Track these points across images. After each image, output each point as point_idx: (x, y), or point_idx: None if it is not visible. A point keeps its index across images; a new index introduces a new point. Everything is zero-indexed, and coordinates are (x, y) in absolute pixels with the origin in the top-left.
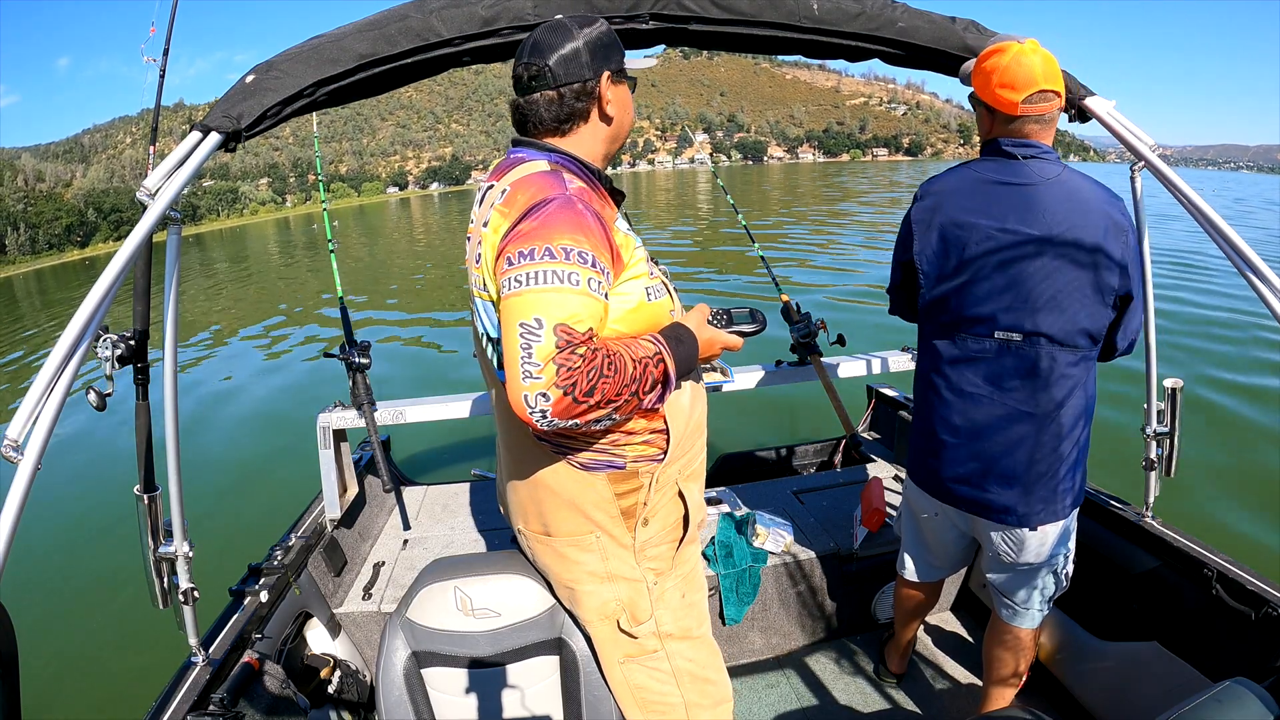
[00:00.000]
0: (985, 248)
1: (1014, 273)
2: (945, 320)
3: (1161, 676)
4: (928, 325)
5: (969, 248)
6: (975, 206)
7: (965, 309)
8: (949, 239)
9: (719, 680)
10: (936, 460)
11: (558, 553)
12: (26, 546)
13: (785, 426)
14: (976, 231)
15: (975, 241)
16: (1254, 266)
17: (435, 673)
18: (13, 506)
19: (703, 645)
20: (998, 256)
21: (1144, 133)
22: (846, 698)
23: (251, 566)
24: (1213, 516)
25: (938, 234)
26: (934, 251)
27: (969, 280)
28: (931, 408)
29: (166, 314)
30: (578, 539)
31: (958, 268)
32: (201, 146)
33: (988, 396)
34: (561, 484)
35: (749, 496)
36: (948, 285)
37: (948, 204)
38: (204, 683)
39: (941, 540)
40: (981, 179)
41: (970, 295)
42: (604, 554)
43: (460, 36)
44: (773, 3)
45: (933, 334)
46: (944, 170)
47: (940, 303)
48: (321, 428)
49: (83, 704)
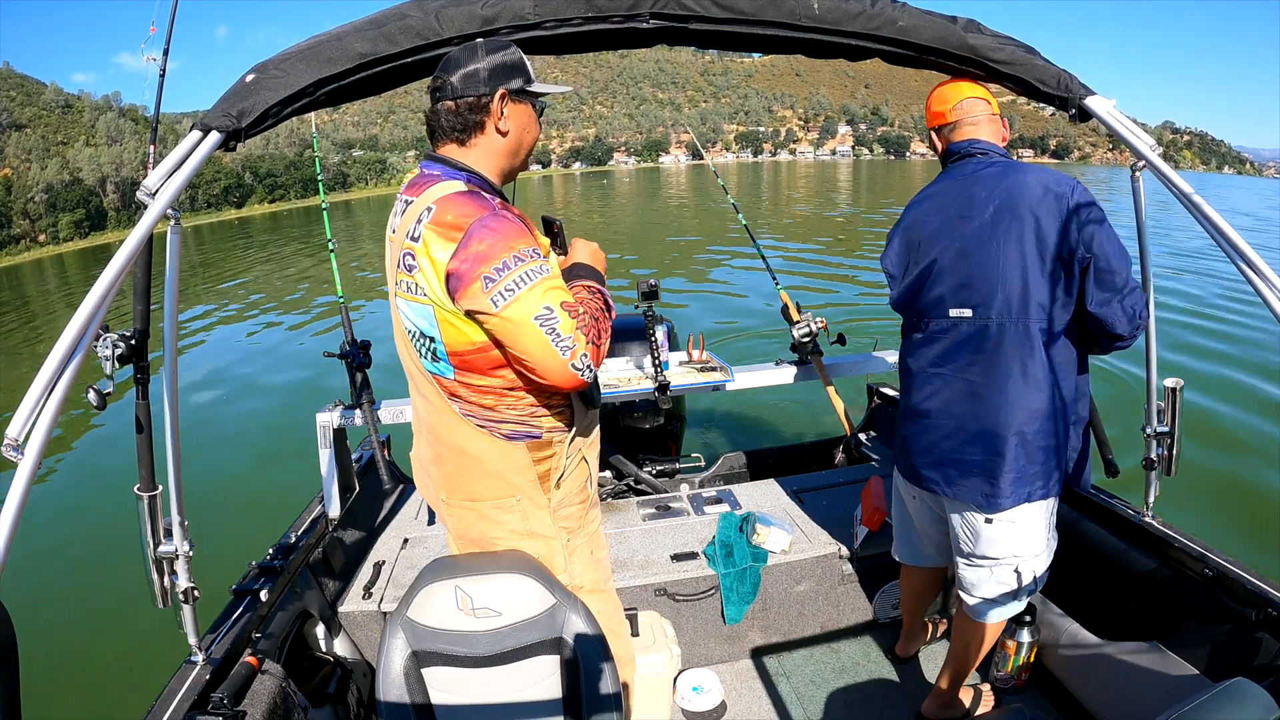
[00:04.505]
0: (933, 240)
1: (958, 255)
2: (910, 311)
3: (1162, 676)
4: (904, 321)
5: (922, 244)
6: (929, 208)
7: (921, 296)
8: (908, 242)
9: (624, 635)
10: (907, 443)
11: (482, 514)
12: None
13: (785, 426)
14: (927, 228)
15: (925, 238)
16: (1255, 265)
17: (435, 672)
18: (13, 505)
19: (609, 599)
20: (943, 244)
21: (1144, 133)
22: (846, 697)
23: (252, 566)
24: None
25: (898, 240)
26: (896, 255)
27: (922, 271)
28: (906, 392)
29: (167, 313)
30: (501, 502)
31: (915, 263)
32: (201, 146)
33: (949, 375)
34: (486, 454)
35: (749, 496)
36: (909, 281)
37: (909, 214)
38: (204, 682)
39: (923, 524)
40: (938, 186)
41: (925, 284)
42: (525, 514)
43: (460, 36)
44: (773, 1)
45: (906, 326)
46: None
47: (904, 298)
48: (322, 427)
49: (82, 703)
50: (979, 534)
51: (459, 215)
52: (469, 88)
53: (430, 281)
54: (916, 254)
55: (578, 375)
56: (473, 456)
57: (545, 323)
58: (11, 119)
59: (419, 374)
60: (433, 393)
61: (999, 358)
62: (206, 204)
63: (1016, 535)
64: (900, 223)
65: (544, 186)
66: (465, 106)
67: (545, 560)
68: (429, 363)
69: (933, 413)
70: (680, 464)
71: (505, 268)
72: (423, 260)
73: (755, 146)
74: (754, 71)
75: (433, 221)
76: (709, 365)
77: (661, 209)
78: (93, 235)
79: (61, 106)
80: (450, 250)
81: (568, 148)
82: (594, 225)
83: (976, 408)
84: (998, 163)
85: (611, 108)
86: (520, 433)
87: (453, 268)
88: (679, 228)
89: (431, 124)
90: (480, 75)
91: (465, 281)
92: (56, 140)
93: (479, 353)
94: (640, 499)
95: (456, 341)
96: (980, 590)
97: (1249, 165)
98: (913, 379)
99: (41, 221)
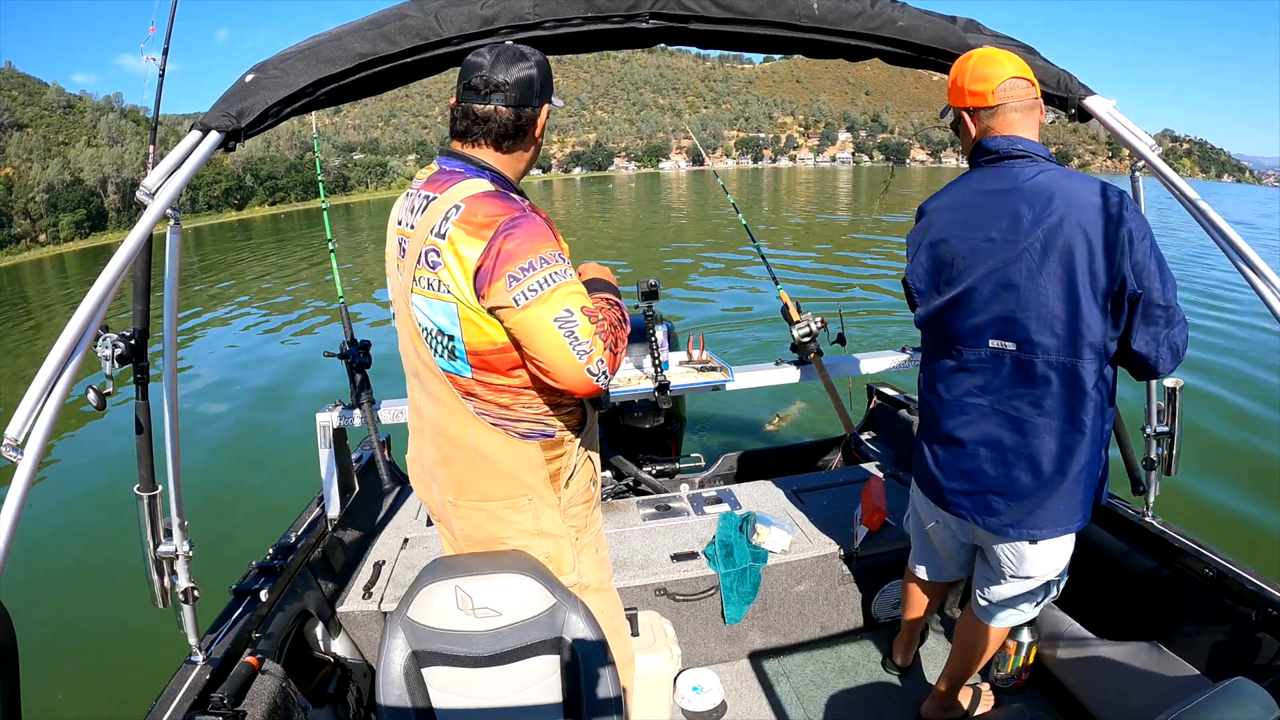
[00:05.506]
0: (972, 261)
1: (1002, 282)
2: (941, 335)
3: (1162, 677)
4: (927, 339)
5: (957, 263)
6: (961, 220)
7: (958, 322)
8: (939, 256)
9: (625, 634)
10: (938, 470)
11: (493, 514)
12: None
13: (785, 426)
14: (963, 245)
15: (962, 255)
16: (1255, 266)
17: (435, 672)
18: (12, 505)
19: (611, 597)
20: (984, 268)
21: (1144, 133)
22: (846, 697)
23: (251, 566)
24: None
25: (927, 253)
26: (925, 270)
27: (959, 295)
28: (935, 417)
29: (166, 313)
30: (513, 501)
31: (948, 284)
32: (201, 146)
33: (987, 407)
34: (499, 453)
35: (749, 496)
36: (939, 300)
37: (937, 222)
38: (204, 682)
39: (945, 546)
40: (969, 190)
41: (962, 309)
42: (536, 513)
43: (459, 36)
44: (773, 2)
45: (931, 346)
46: (944, 187)
47: (935, 319)
48: (322, 427)
49: (82, 703)
50: (1024, 557)
51: (488, 214)
52: (525, 98)
53: (456, 279)
54: (949, 273)
55: (592, 380)
56: (486, 456)
57: (564, 325)
58: (13, 119)
59: (428, 372)
60: (444, 391)
61: (1046, 395)
62: (207, 205)
63: (1056, 554)
64: (926, 233)
65: (544, 191)
66: (520, 117)
67: (555, 559)
68: (444, 360)
69: (970, 441)
70: (680, 464)
71: (530, 268)
72: (449, 257)
73: (755, 153)
74: (755, 78)
75: (461, 220)
76: (709, 365)
77: (662, 214)
78: (93, 236)
79: (63, 107)
80: (479, 249)
81: (568, 153)
82: (594, 231)
83: (1020, 441)
84: (1045, 170)
85: (612, 113)
86: (535, 431)
87: (481, 265)
88: (677, 235)
89: (473, 123)
90: (535, 88)
91: (491, 278)
92: (58, 140)
93: (499, 353)
94: (640, 499)
95: (478, 341)
96: (1012, 604)
97: (1249, 173)
98: (943, 405)
99: (42, 221)
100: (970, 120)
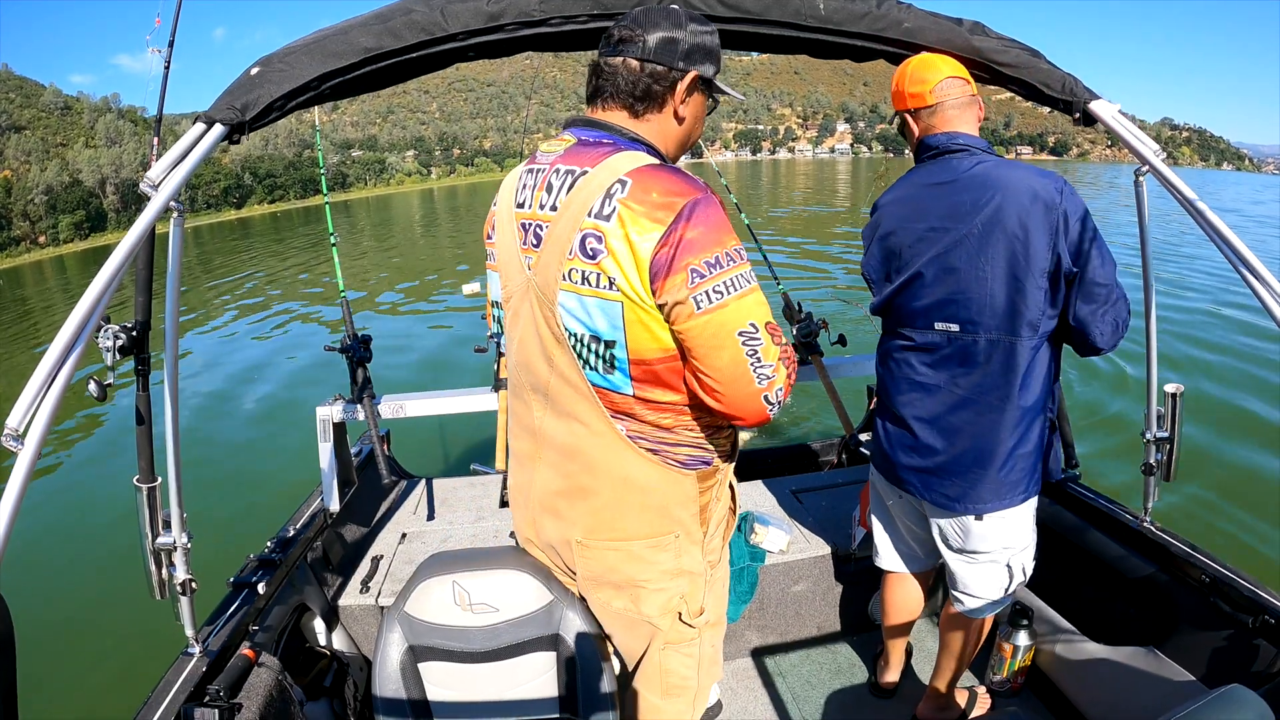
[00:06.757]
0: (916, 249)
1: (944, 267)
2: (893, 319)
3: (1158, 682)
4: (884, 325)
5: (904, 252)
6: (907, 213)
7: (907, 306)
8: (889, 248)
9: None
10: (889, 447)
11: (633, 555)
12: (26, 538)
13: (785, 426)
14: (909, 235)
15: (908, 245)
16: (1254, 269)
17: (432, 667)
18: (12, 495)
19: (721, 629)
20: (927, 255)
21: (1147, 138)
22: (842, 698)
23: (250, 558)
24: None
25: (878, 245)
26: (877, 261)
27: (906, 281)
28: (888, 396)
29: (168, 305)
30: (657, 539)
31: (897, 271)
32: (205, 138)
33: (935, 385)
34: (654, 485)
35: (748, 495)
36: (890, 288)
37: (886, 216)
38: (200, 674)
39: (907, 524)
40: (914, 185)
41: (909, 294)
42: (679, 551)
43: (465, 31)
44: (779, 1)
45: (886, 331)
46: (893, 183)
47: (887, 304)
48: (321, 420)
49: (79, 693)
50: (969, 530)
51: (666, 193)
52: (663, 55)
53: (626, 271)
54: (898, 262)
55: (766, 410)
56: (638, 488)
57: (749, 341)
58: (11, 121)
59: (566, 387)
60: (589, 411)
61: (988, 373)
62: (206, 204)
63: (1006, 529)
64: (876, 227)
65: None
66: (652, 73)
67: (686, 598)
68: (597, 374)
69: (916, 419)
70: None
71: (716, 264)
72: (616, 243)
73: (754, 145)
74: (752, 69)
75: (631, 198)
76: None
77: None
78: (93, 237)
79: (61, 108)
80: (658, 234)
81: None
82: None
83: (965, 418)
84: (983, 161)
85: None
86: (695, 459)
87: (659, 254)
88: None
89: (603, 77)
90: (680, 47)
91: (668, 270)
92: (56, 142)
93: (669, 362)
94: None
95: (645, 347)
96: (973, 587)
97: (1248, 161)
98: (895, 384)
99: (41, 223)
100: (912, 121)
